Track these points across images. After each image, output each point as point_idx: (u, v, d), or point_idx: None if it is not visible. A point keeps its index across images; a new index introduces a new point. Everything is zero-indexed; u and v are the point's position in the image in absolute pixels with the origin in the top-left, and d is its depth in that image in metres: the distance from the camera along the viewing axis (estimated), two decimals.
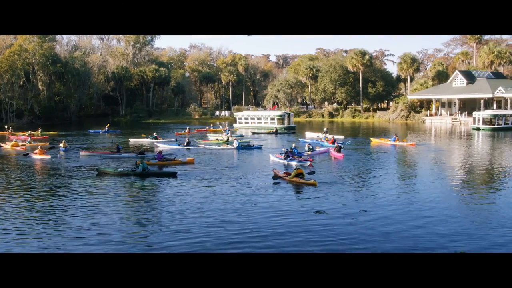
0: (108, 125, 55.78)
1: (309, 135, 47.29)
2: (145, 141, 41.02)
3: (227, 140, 38.91)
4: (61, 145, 36.48)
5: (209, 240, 12.41)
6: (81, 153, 32.20)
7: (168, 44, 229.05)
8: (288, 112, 65.63)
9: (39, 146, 33.43)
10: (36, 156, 30.38)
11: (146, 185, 20.67)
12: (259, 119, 63.03)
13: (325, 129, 48.62)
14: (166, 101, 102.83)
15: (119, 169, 23.32)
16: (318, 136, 44.24)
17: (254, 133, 51.92)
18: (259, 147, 35.44)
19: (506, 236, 12.80)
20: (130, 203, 17.56)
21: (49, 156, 30.28)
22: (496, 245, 12.08)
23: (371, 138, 41.03)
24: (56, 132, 52.99)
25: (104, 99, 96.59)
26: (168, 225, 13.99)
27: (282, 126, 57.97)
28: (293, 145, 32.93)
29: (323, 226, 13.73)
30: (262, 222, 14.26)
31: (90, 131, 54.10)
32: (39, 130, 52.54)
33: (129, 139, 42.66)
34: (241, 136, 46.09)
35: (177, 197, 18.03)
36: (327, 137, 39.51)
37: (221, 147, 35.68)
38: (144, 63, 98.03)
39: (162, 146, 36.71)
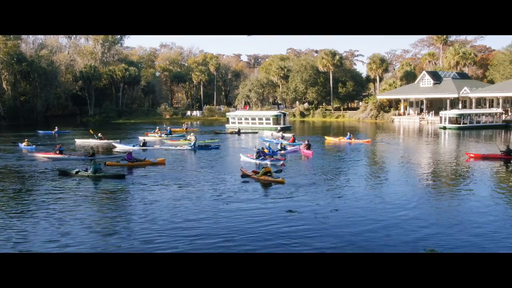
0: (56, 128, 53.82)
1: (267, 133, 48.16)
2: (91, 141, 39.98)
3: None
4: (24, 144, 35.47)
5: (182, 241, 12.30)
6: (29, 154, 31.46)
7: (138, 43, 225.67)
8: (283, 112, 64.36)
9: None
10: None
11: (111, 187, 20.29)
12: (253, 119, 61.02)
13: (278, 128, 49.66)
14: (136, 101, 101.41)
15: (75, 170, 22.81)
16: (272, 134, 45.75)
17: (216, 133, 51.42)
18: (217, 147, 35.30)
19: (474, 235, 13.15)
20: (101, 206, 17.22)
21: None
22: (468, 244, 12.41)
23: (325, 137, 41.99)
24: None
25: (72, 99, 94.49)
26: (139, 226, 13.78)
27: (278, 126, 56.83)
28: (268, 144, 33.22)
29: (296, 226, 13.78)
30: (236, 222, 14.22)
31: (40, 132, 52.27)
32: None
33: (75, 140, 41.65)
34: (183, 136, 45.16)
35: (147, 198, 17.78)
36: (284, 136, 41.03)
37: (178, 147, 35.25)
38: (113, 62, 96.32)
39: (120, 146, 36.05)
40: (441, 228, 13.54)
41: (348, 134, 40.25)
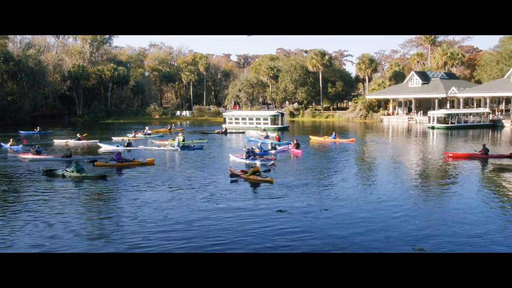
0: (38, 127, 53.49)
1: (253, 133, 48.50)
2: (69, 142, 39.75)
3: (183, 140, 38.65)
4: (9, 144, 35.36)
5: (172, 241, 12.24)
6: (13, 154, 31.16)
7: (127, 42, 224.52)
8: (281, 112, 63.15)
9: None
10: None
11: (100, 188, 20.14)
12: (251, 119, 59.82)
13: (262, 128, 50.05)
14: (125, 101, 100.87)
15: (58, 170, 22.67)
16: (257, 133, 46.55)
17: (204, 133, 51.20)
18: (200, 147, 35.14)
19: (460, 234, 13.27)
20: (88, 207, 17.07)
21: None
22: (455, 243, 12.51)
23: (310, 136, 42.57)
24: None
25: (60, 99, 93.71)
26: (128, 227, 13.69)
27: (276, 126, 56.11)
28: (259, 144, 33.39)
29: (286, 226, 13.78)
30: (225, 222, 14.18)
31: (21, 132, 51.51)
32: None
33: (53, 140, 41.34)
34: (161, 136, 45.09)
35: (136, 199, 17.66)
36: (269, 136, 41.62)
37: (161, 148, 35.03)
38: (102, 62, 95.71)
39: (105, 147, 35.89)
40: (429, 227, 13.63)
41: (333, 133, 41.03)
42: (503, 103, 67.62)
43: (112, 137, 43.63)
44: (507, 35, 71.32)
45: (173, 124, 66.62)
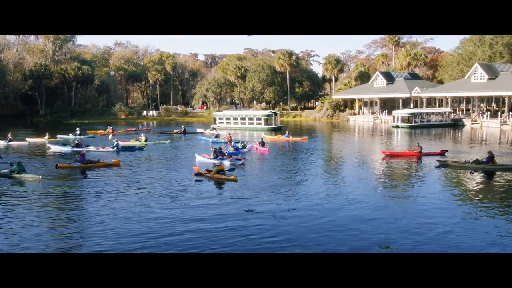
0: None
1: (205, 132, 49.15)
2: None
3: (146, 140, 38.49)
4: None
5: (137, 241, 12.03)
6: None
7: (91, 41, 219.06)
8: (274, 112, 61.41)
9: None
10: None
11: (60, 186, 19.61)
12: (243, 119, 57.29)
13: (212, 126, 50.53)
14: (90, 101, 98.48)
15: (4, 171, 22.15)
16: (205, 132, 48.15)
17: (162, 133, 50.48)
18: (141, 149, 34.51)
19: (427, 234, 13.58)
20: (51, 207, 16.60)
21: None
22: (422, 243, 12.78)
23: (263, 135, 43.59)
24: None
25: (21, 99, 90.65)
26: (90, 229, 13.37)
27: (269, 126, 54.61)
28: (233, 143, 33.58)
29: (254, 225, 13.76)
30: (192, 221, 14.05)
31: None
32: None
33: None
34: (93, 137, 44.31)
35: (100, 201, 17.28)
36: (219, 135, 42.45)
37: (100, 149, 33.93)
38: (65, 61, 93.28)
39: (54, 147, 34.93)
40: (394, 225, 13.90)
41: (287, 132, 42.83)
42: (464, 103, 69.83)
43: (27, 138, 41.84)
44: (467, 35, 73.65)
45: (140, 124, 65.56)
